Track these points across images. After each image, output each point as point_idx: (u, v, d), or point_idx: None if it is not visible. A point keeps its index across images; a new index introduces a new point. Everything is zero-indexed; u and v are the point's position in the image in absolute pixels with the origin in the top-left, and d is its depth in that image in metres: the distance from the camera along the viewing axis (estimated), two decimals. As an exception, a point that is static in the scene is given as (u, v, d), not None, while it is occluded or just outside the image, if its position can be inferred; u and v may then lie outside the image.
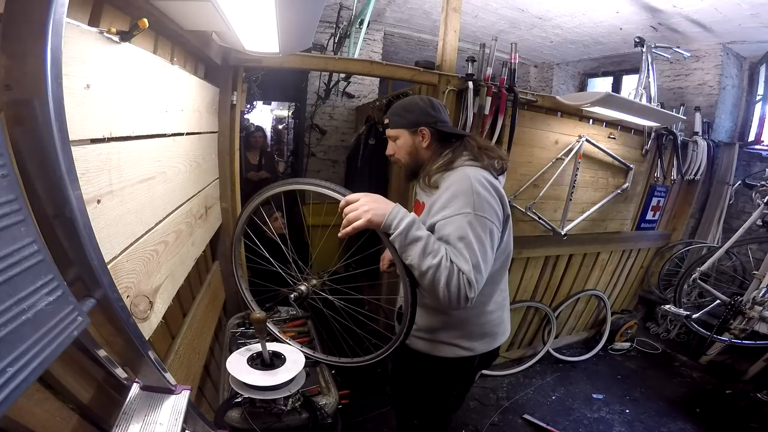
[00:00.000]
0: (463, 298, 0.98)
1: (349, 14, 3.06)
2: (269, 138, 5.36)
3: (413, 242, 0.98)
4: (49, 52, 0.44)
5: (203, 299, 1.51)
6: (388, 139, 1.32)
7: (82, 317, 0.49)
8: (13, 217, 0.39)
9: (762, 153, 3.34)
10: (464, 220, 1.03)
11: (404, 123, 1.25)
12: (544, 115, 2.32)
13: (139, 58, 0.90)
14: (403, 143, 1.26)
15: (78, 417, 0.66)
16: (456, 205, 1.05)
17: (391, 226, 0.98)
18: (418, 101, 1.27)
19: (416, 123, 1.23)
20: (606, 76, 4.60)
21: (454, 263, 0.98)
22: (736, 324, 2.35)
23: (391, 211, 0.99)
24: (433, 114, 1.24)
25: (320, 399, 1.21)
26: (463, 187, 1.07)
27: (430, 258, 0.97)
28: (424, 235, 0.99)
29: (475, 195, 1.05)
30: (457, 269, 0.98)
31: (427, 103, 1.26)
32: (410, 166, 1.29)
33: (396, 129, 1.27)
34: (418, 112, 1.24)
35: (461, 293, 0.98)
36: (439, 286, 0.97)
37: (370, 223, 0.98)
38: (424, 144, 1.24)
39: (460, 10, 2.06)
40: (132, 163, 0.86)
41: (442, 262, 0.97)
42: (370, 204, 0.99)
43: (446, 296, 0.98)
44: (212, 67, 1.65)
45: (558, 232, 2.45)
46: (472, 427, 2.28)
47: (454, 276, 0.97)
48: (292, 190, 1.21)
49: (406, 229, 0.97)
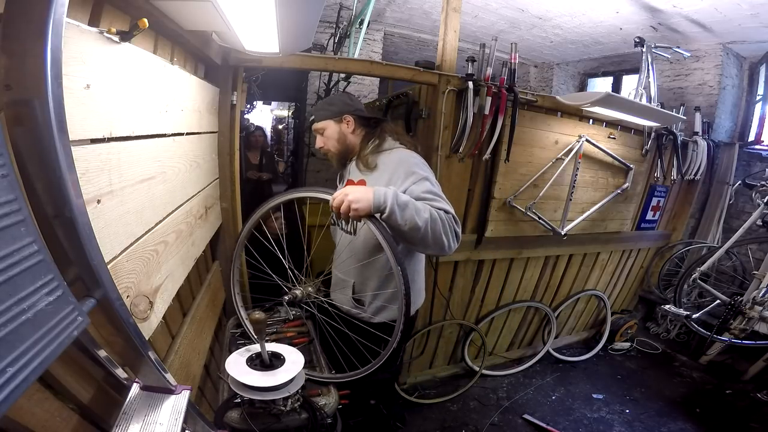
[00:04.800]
0: (455, 235, 1.19)
1: (349, 14, 3.06)
2: (269, 138, 5.37)
3: (405, 206, 1.10)
4: (49, 52, 0.44)
5: (203, 299, 1.51)
6: (315, 134, 1.49)
7: (82, 317, 0.49)
8: (13, 217, 0.39)
9: (762, 153, 3.34)
10: (427, 183, 1.25)
11: (329, 114, 1.42)
12: (544, 115, 2.32)
13: (139, 58, 0.90)
14: (331, 133, 1.43)
15: (78, 417, 0.66)
16: (417, 173, 1.26)
17: (380, 205, 1.08)
18: (337, 96, 1.52)
19: (340, 112, 1.42)
20: (606, 76, 4.60)
21: (440, 209, 1.17)
22: (736, 324, 2.35)
23: (375, 193, 1.08)
24: (351, 103, 1.44)
25: (320, 399, 1.21)
26: (414, 160, 1.32)
27: (423, 214, 1.11)
28: (408, 199, 1.12)
29: (424, 165, 1.33)
30: (444, 212, 1.17)
31: (345, 96, 1.50)
32: (341, 152, 1.46)
33: (322, 121, 1.43)
34: (340, 103, 1.44)
35: (454, 231, 1.18)
36: (440, 234, 1.13)
37: (359, 213, 1.07)
38: (350, 129, 1.43)
39: (460, 10, 2.06)
40: (132, 163, 0.86)
41: (432, 213, 1.13)
42: (353, 195, 1.08)
43: (446, 240, 1.15)
44: (212, 67, 1.65)
45: (558, 232, 2.45)
46: (472, 427, 2.28)
47: (445, 221, 1.15)
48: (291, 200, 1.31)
49: (393, 198, 1.08)
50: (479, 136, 2.09)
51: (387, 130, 1.43)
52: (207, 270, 1.73)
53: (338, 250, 1.54)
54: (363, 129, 1.44)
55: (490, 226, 2.28)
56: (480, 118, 2.06)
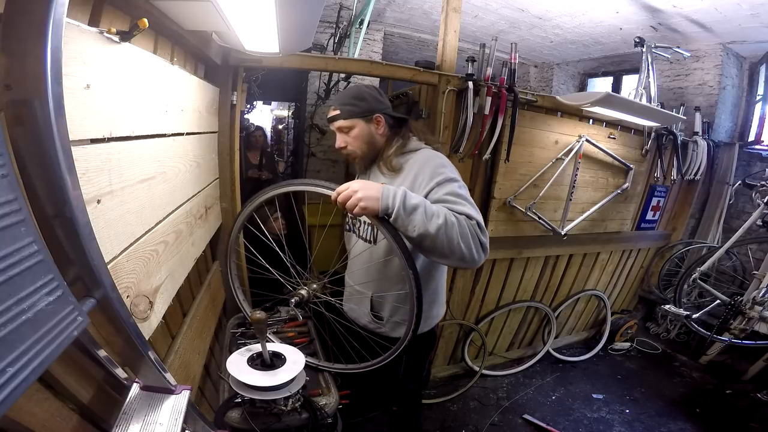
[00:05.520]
0: (480, 245, 1.02)
1: (349, 14, 3.06)
2: (269, 138, 5.37)
3: (413, 210, 0.98)
4: (49, 52, 0.44)
5: (203, 299, 1.51)
6: (336, 131, 1.29)
7: (82, 317, 0.49)
8: (13, 217, 0.39)
9: (762, 153, 3.34)
10: (455, 184, 1.12)
11: (358, 112, 1.23)
12: (544, 115, 2.32)
13: (139, 58, 0.90)
14: (358, 133, 1.25)
15: (78, 417, 0.66)
16: (443, 174, 1.13)
17: (388, 205, 0.97)
18: (366, 90, 1.27)
19: (371, 110, 1.23)
20: (606, 76, 4.60)
21: (462, 213, 1.03)
22: (736, 324, 2.35)
23: (383, 192, 0.98)
24: (382, 100, 1.27)
25: (320, 399, 1.21)
26: (440, 161, 1.19)
27: (435, 219, 0.98)
28: (420, 201, 1.00)
29: (451, 166, 1.19)
30: (465, 218, 1.02)
31: (375, 91, 1.27)
32: (367, 155, 1.29)
33: (350, 119, 1.24)
34: (371, 99, 1.24)
35: (477, 240, 1.02)
36: (455, 242, 0.99)
37: (366, 211, 0.97)
38: (379, 131, 1.26)
39: (460, 10, 2.06)
40: (132, 163, 0.86)
41: (448, 218, 0.99)
42: (362, 191, 0.97)
43: (466, 249, 1.00)
44: (212, 67, 1.65)
45: (558, 232, 2.45)
46: (472, 427, 2.28)
47: (465, 227, 1.01)
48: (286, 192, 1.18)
49: (401, 200, 0.97)
50: (479, 136, 2.09)
51: (412, 129, 1.31)
52: (207, 270, 1.73)
53: (353, 259, 1.41)
54: (389, 129, 1.29)
55: (490, 226, 2.29)
56: (480, 118, 2.06)
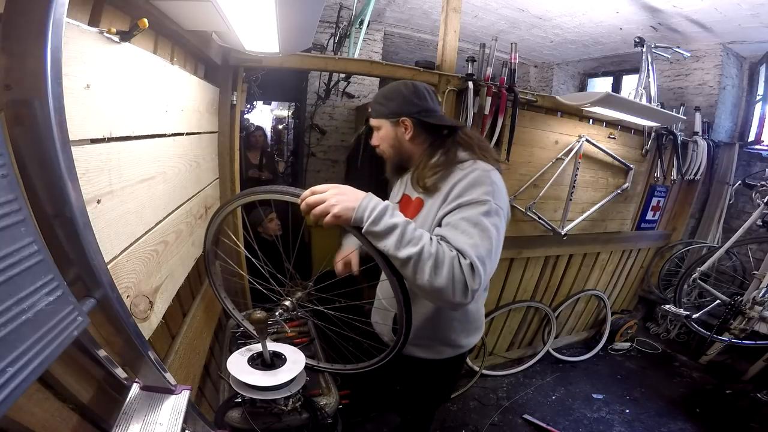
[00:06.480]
0: (463, 289, 0.84)
1: (349, 14, 3.06)
2: (269, 138, 5.37)
3: (388, 231, 0.84)
4: (49, 52, 0.44)
5: (203, 299, 1.51)
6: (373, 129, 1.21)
7: (82, 317, 0.49)
8: (13, 217, 0.39)
9: (762, 153, 3.34)
10: (483, 207, 0.95)
11: (385, 112, 1.14)
12: (544, 115, 2.32)
13: (139, 58, 0.90)
14: (384, 134, 1.17)
15: (78, 417, 0.66)
16: (476, 192, 0.97)
17: (362, 218, 0.84)
18: (400, 88, 1.13)
19: (397, 113, 1.12)
20: (606, 76, 4.60)
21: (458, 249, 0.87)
22: (736, 324, 2.35)
23: (361, 203, 0.85)
24: (417, 102, 1.11)
25: (320, 399, 1.21)
26: (482, 177, 1.00)
27: (410, 247, 0.83)
28: (400, 222, 0.85)
29: (494, 185, 0.99)
30: (456, 255, 0.85)
31: (411, 90, 1.12)
32: (394, 159, 1.20)
33: (377, 119, 1.16)
34: (400, 100, 1.11)
35: (462, 283, 0.83)
36: (424, 278, 0.83)
37: (338, 219, 0.84)
38: (406, 136, 1.13)
39: (460, 10, 2.06)
40: (132, 163, 0.86)
41: (425, 249, 0.83)
42: (337, 197, 0.85)
43: (439, 288, 0.83)
44: (212, 67, 1.65)
45: (558, 232, 2.45)
46: (472, 427, 2.28)
47: (447, 264, 0.83)
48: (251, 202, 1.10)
49: (378, 217, 0.83)
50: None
51: (461, 141, 1.11)
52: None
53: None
54: (427, 137, 1.13)
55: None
56: (480, 118, 2.07)
